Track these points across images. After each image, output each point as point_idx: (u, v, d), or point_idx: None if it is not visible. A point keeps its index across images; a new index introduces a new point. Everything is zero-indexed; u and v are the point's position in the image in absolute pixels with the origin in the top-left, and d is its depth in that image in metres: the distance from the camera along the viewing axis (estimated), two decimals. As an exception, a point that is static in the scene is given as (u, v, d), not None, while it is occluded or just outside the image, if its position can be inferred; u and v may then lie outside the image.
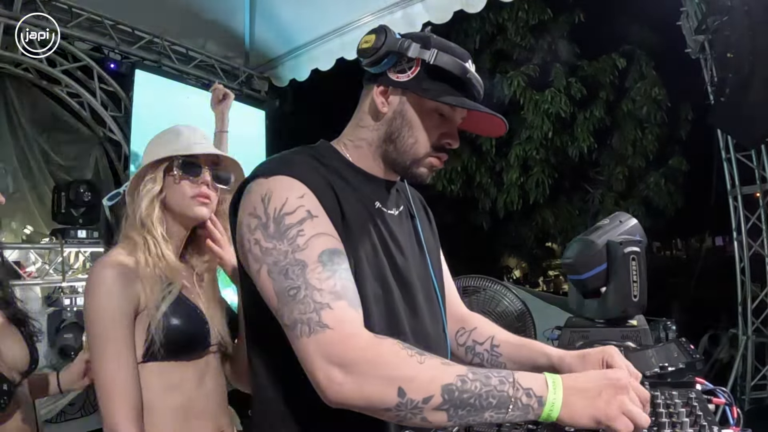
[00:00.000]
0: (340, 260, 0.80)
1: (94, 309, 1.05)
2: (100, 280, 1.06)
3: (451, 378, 0.70)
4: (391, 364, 0.72)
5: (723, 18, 4.11)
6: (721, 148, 5.11)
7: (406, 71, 0.91)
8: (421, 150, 0.95)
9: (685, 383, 0.93)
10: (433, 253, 1.09)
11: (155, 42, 4.26)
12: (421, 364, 0.72)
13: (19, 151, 4.24)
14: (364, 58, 0.93)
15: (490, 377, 0.71)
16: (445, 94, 0.90)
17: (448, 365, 0.73)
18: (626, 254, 1.67)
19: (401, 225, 1.02)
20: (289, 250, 0.79)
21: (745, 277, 5.05)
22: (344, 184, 0.92)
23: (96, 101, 4.03)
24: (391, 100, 0.94)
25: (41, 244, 3.79)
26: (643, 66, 7.46)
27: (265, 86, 5.23)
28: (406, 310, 0.94)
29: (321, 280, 0.76)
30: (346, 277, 0.79)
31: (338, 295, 0.76)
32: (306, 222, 0.81)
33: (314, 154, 0.95)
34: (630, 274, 1.67)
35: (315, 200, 0.84)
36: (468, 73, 0.91)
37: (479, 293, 2.16)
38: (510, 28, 7.72)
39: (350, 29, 4.21)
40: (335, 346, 0.73)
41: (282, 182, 0.84)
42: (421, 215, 1.12)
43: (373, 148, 0.97)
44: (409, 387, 0.70)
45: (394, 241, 0.96)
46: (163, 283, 1.11)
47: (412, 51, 0.90)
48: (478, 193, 8.32)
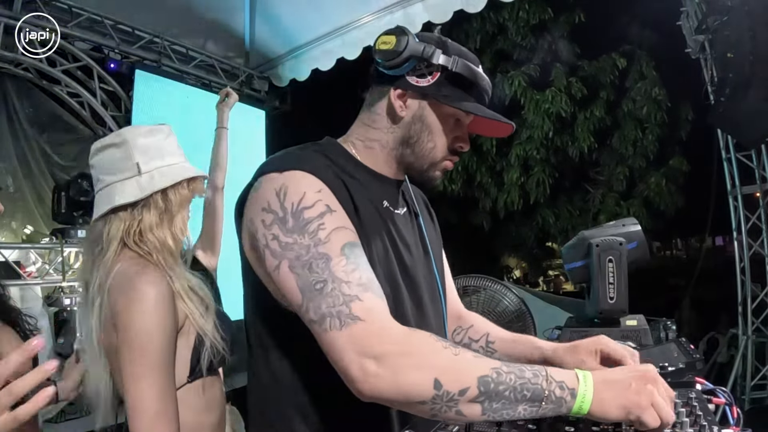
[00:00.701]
0: (361, 253, 0.80)
1: (138, 331, 0.96)
2: (144, 297, 0.99)
3: (487, 370, 0.70)
4: (426, 356, 0.72)
5: (723, 18, 4.11)
6: (721, 148, 5.11)
7: (426, 76, 0.91)
8: (438, 154, 0.96)
9: (685, 383, 0.93)
10: (436, 251, 1.11)
11: (155, 42, 4.26)
12: (456, 356, 0.72)
13: (19, 151, 4.25)
14: (384, 59, 0.91)
15: (524, 370, 0.71)
16: (462, 100, 0.92)
17: (481, 358, 0.73)
18: (602, 256, 1.71)
19: (407, 224, 1.03)
20: (311, 243, 0.78)
21: (745, 277, 5.05)
22: (354, 181, 0.92)
23: (96, 101, 4.03)
24: (409, 104, 0.94)
25: (41, 244, 3.80)
26: (644, 66, 7.46)
27: (265, 86, 5.23)
28: (413, 308, 0.94)
29: (347, 273, 0.76)
30: (369, 269, 0.79)
31: (366, 287, 0.75)
32: (326, 216, 0.80)
33: (322, 151, 0.94)
34: (606, 276, 1.70)
35: (332, 195, 0.84)
36: (482, 80, 0.93)
37: (479, 293, 2.17)
38: (511, 28, 7.72)
39: (350, 29, 4.21)
40: (368, 338, 0.72)
41: (297, 177, 0.83)
42: (424, 214, 1.13)
43: (387, 149, 0.97)
44: (445, 379, 0.69)
45: (402, 240, 0.97)
46: (197, 295, 1.09)
47: (435, 57, 0.89)
48: (479, 192, 8.32)
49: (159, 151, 1.11)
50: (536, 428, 0.76)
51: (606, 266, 1.69)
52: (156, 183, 1.08)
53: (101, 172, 1.11)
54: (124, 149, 1.09)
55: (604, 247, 1.70)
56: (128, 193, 1.06)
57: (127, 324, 0.95)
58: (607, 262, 1.69)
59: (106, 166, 1.11)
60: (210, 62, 4.74)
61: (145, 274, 1.02)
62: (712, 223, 5.58)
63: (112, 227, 1.07)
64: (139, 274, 1.02)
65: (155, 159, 1.10)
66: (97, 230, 1.10)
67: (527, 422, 0.79)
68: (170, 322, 1.00)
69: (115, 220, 1.08)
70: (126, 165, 1.09)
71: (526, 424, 0.78)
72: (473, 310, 2.19)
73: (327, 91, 6.30)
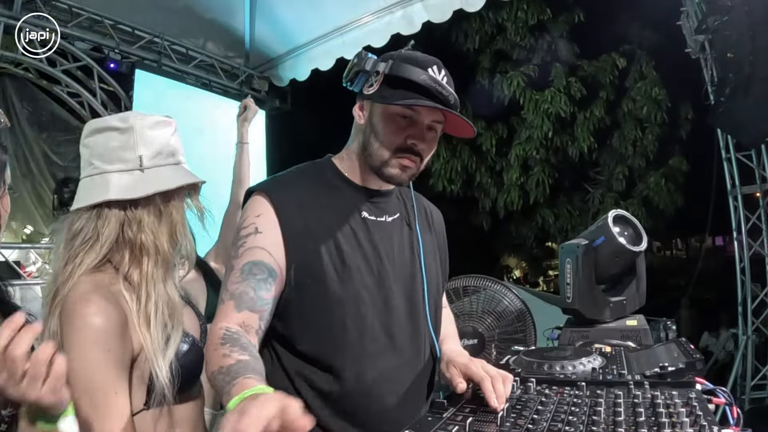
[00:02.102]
0: (259, 271, 0.97)
1: (78, 370, 0.85)
2: (87, 328, 0.88)
3: (215, 367, 0.82)
4: (207, 349, 0.91)
5: (723, 18, 4.11)
6: (721, 148, 5.11)
7: (373, 84, 1.03)
8: (385, 152, 1.03)
9: (685, 383, 0.93)
10: (429, 255, 1.15)
11: (155, 42, 4.27)
12: (215, 351, 0.86)
13: (19, 151, 4.25)
14: (345, 80, 1.07)
15: (234, 374, 0.78)
16: (403, 99, 0.99)
17: (224, 358, 0.83)
18: (563, 255, 1.80)
19: (393, 231, 1.11)
20: (233, 256, 1.00)
21: (745, 277, 5.05)
22: (330, 199, 1.06)
23: (96, 101, 4.03)
24: (364, 112, 1.07)
25: (41, 244, 3.80)
26: (643, 66, 7.46)
27: (265, 86, 5.24)
28: (378, 304, 1.04)
29: (232, 283, 0.97)
30: (253, 286, 0.95)
31: (232, 297, 0.95)
32: (250, 236, 1.00)
33: (314, 170, 1.11)
34: (564, 275, 1.79)
35: (268, 218, 1.01)
36: (419, 75, 0.99)
37: (479, 293, 2.16)
38: (510, 28, 7.73)
39: (350, 29, 4.21)
40: (211, 329, 0.94)
41: (255, 200, 1.04)
42: (421, 221, 1.17)
43: (358, 158, 1.09)
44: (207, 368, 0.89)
45: (374, 246, 1.06)
46: (163, 322, 0.97)
47: (370, 65, 1.03)
48: (478, 192, 8.32)
49: (165, 147, 1.01)
50: (535, 428, 0.77)
51: (566, 266, 1.79)
52: (160, 182, 0.98)
53: (95, 156, 0.99)
54: (128, 137, 0.98)
55: (568, 248, 1.80)
56: (127, 187, 0.96)
57: (69, 359, 0.81)
58: (566, 262, 1.78)
59: (101, 151, 0.98)
60: (210, 62, 4.74)
61: (92, 302, 0.90)
62: (712, 223, 5.58)
63: (107, 223, 0.96)
64: (84, 300, 0.90)
65: (160, 156, 1.00)
66: (81, 221, 0.97)
67: (526, 422, 0.79)
68: (116, 355, 0.89)
69: (109, 216, 0.96)
70: (127, 155, 0.98)
71: (525, 424, 0.78)
72: (473, 310, 2.19)
73: (327, 91, 6.30)
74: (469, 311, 2.16)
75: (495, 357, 1.92)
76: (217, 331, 0.89)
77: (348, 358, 1.01)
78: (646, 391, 0.89)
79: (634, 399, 0.86)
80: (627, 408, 0.83)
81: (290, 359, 1.02)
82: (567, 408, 0.84)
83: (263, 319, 0.96)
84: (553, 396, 0.91)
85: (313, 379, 1.01)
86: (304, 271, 1.00)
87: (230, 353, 0.83)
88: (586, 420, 0.79)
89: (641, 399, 0.85)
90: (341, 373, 1.00)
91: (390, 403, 1.03)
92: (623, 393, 0.89)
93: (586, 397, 0.90)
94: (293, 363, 1.02)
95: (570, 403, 0.86)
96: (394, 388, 1.05)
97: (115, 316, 0.91)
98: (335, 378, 1.00)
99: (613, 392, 0.90)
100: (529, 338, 2.07)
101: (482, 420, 0.83)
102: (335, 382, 1.00)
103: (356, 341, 1.01)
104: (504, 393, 0.88)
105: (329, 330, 1.01)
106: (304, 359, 1.02)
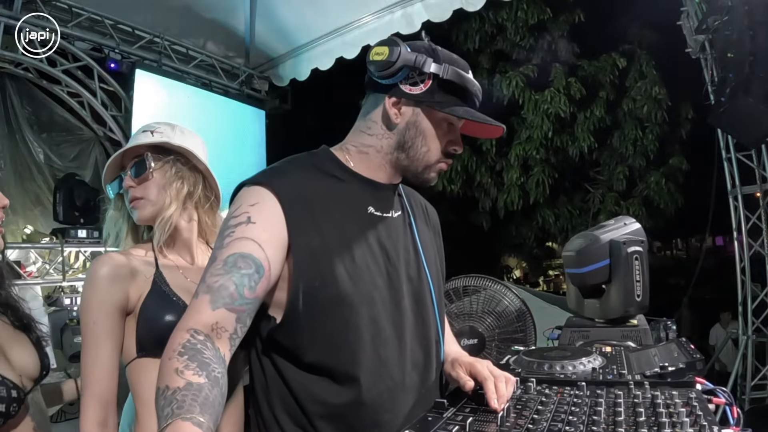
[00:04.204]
0: (245, 265, 0.85)
1: (82, 301, 1.11)
2: (92, 274, 1.11)
3: (162, 384, 0.71)
4: (163, 359, 0.76)
5: (723, 18, 4.11)
6: (721, 148, 5.10)
7: (419, 84, 0.96)
8: (433, 157, 1.01)
9: (685, 383, 0.93)
10: (430, 253, 1.12)
11: (155, 42, 4.27)
12: (169, 361, 0.74)
13: (19, 152, 4.24)
14: (378, 70, 0.96)
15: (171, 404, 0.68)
16: (454, 105, 0.97)
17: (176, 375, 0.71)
18: (630, 253, 1.69)
19: (397, 228, 1.06)
20: (217, 246, 0.89)
21: (745, 277, 5.05)
22: (333, 191, 0.98)
23: (96, 101, 4.03)
24: (403, 111, 0.99)
25: (41, 244, 3.80)
26: (644, 65, 7.45)
27: (265, 86, 5.24)
28: (389, 307, 0.98)
29: (211, 275, 0.85)
30: (236, 281, 0.84)
31: (209, 290, 0.83)
32: (240, 226, 0.89)
33: (312, 161, 1.02)
34: (633, 274, 1.69)
35: (269, 210, 0.90)
36: (472, 85, 0.98)
37: (479, 293, 2.16)
38: (509, 28, 7.72)
39: (350, 29, 4.22)
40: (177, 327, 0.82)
41: (251, 191, 0.93)
42: (419, 218, 1.15)
43: (381, 155, 1.02)
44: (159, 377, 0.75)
45: (383, 244, 1.00)
46: (147, 281, 1.15)
47: (427, 66, 0.95)
48: (478, 192, 8.31)
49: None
50: (535, 428, 0.77)
51: (633, 264, 1.70)
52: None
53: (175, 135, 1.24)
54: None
55: (630, 245, 1.70)
56: (204, 158, 1.24)
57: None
58: (634, 260, 1.70)
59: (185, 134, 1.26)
60: (210, 62, 4.74)
61: (105, 255, 1.13)
62: (712, 223, 5.57)
63: (179, 183, 1.21)
64: (100, 257, 1.13)
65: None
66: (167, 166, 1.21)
67: (526, 422, 0.79)
68: (112, 298, 1.08)
69: (184, 178, 1.23)
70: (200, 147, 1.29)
71: (525, 424, 0.78)
72: (473, 310, 2.19)
73: (327, 91, 6.31)
74: (469, 311, 2.16)
75: (495, 357, 1.91)
76: (181, 335, 0.78)
77: (363, 365, 0.93)
78: (646, 391, 0.89)
79: (634, 399, 0.86)
80: (627, 408, 0.82)
81: (295, 373, 0.94)
82: (567, 408, 0.84)
83: (241, 322, 0.84)
84: (553, 396, 0.91)
85: (322, 392, 0.92)
86: (312, 271, 0.91)
87: (183, 370, 0.71)
88: (586, 420, 0.79)
89: (641, 399, 0.85)
90: (355, 382, 0.92)
91: (401, 412, 0.97)
92: (623, 393, 0.89)
93: (586, 397, 0.90)
94: (298, 377, 0.93)
95: (570, 403, 0.86)
96: (405, 397, 0.98)
97: (120, 267, 1.14)
98: (347, 388, 0.92)
99: (613, 392, 0.90)
100: (529, 338, 2.07)
101: (482, 420, 0.82)
102: (347, 393, 0.92)
103: (369, 346, 0.94)
104: (506, 394, 0.88)
105: (342, 336, 0.92)
106: (312, 371, 0.93)
